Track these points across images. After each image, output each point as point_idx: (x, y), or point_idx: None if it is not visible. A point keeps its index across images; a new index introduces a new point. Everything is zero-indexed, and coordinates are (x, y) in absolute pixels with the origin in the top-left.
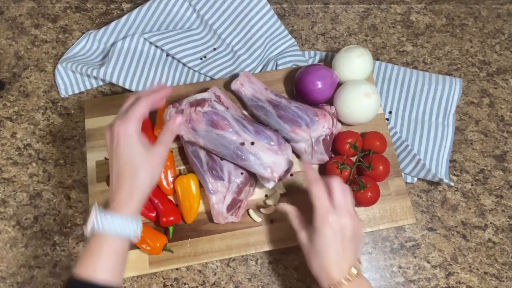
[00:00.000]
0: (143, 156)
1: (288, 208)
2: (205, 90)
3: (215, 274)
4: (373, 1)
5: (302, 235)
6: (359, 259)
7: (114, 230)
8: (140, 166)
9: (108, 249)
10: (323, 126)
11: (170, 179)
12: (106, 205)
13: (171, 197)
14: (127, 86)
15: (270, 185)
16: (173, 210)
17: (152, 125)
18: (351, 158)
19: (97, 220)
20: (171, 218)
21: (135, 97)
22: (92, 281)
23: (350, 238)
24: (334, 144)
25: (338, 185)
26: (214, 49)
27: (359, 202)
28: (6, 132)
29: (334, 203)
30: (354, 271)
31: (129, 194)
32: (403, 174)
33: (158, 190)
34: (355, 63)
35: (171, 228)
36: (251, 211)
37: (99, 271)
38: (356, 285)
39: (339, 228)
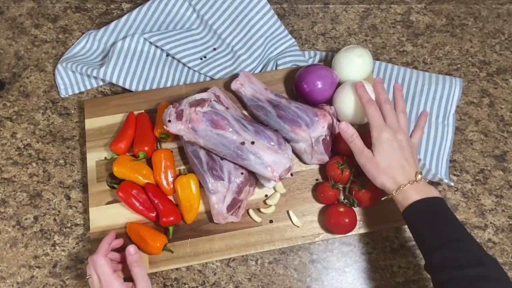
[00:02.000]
0: None
1: (351, 129)
2: (205, 90)
3: (215, 274)
4: (373, 1)
5: (367, 153)
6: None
7: None
8: None
9: None
10: (323, 126)
11: (170, 179)
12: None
13: (171, 197)
14: (127, 86)
15: (271, 184)
16: (173, 210)
17: (152, 125)
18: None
19: None
20: (171, 218)
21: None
22: None
23: (408, 148)
24: (334, 144)
25: (389, 109)
26: (214, 49)
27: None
28: (6, 132)
29: (387, 122)
30: (419, 176)
31: None
32: None
33: (158, 190)
34: (355, 63)
35: (171, 228)
36: (251, 211)
37: None
38: (421, 188)
39: (395, 141)
